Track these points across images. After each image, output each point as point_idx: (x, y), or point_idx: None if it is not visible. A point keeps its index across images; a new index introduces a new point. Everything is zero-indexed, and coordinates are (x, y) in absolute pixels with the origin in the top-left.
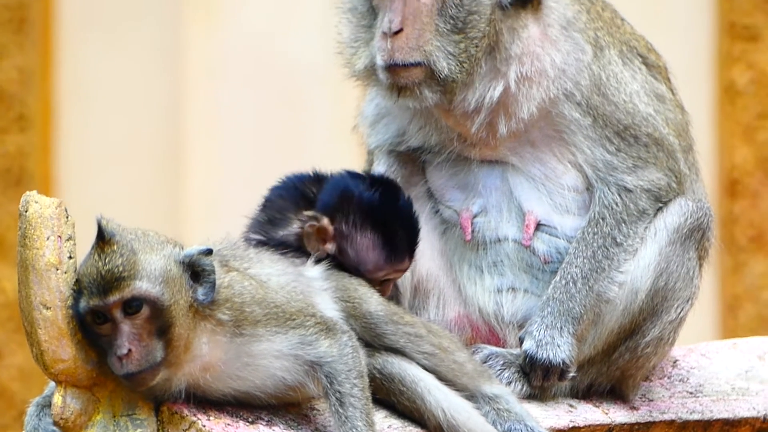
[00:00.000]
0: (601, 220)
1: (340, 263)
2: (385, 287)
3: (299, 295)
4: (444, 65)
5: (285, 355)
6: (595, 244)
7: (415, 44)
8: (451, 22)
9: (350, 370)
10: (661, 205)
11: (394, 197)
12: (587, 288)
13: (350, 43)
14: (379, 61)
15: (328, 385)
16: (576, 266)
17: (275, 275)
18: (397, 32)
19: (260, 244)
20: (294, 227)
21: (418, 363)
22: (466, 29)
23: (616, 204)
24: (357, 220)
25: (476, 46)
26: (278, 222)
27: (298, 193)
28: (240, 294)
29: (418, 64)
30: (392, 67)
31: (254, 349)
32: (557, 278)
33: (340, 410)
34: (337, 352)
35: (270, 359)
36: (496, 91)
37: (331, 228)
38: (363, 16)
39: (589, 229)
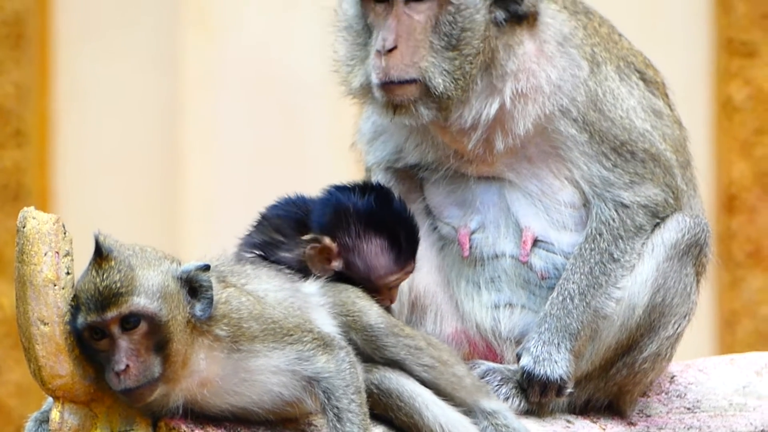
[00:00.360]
0: (598, 236)
1: (347, 278)
2: (393, 293)
3: (296, 311)
4: (439, 82)
5: (282, 370)
6: (592, 260)
7: (410, 61)
8: (446, 39)
9: (348, 385)
10: (658, 220)
11: (388, 200)
12: (584, 304)
13: (346, 62)
14: (375, 79)
15: (326, 401)
16: (573, 282)
17: (272, 291)
18: (391, 50)
19: (259, 258)
20: (295, 252)
21: (417, 376)
22: (461, 46)
23: (613, 220)
24: (359, 230)
25: (471, 63)
26: (278, 245)
27: (295, 217)
28: (237, 310)
29: (413, 81)
30: (387, 85)
31: (251, 364)
32: (554, 294)
33: (338, 426)
34: (334, 367)
35: (267, 375)
36: (492, 108)
37: (334, 245)
38: (358, 34)
39: (587, 245)
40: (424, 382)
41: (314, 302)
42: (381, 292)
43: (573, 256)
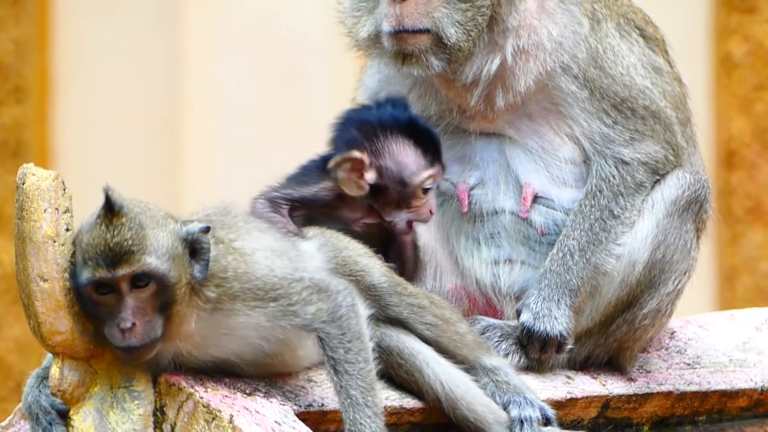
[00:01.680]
0: (598, 193)
1: (377, 197)
2: (431, 201)
3: (285, 262)
4: (452, 32)
5: (263, 326)
6: (592, 217)
7: (424, 10)
8: None
9: (344, 333)
10: (658, 177)
11: (405, 107)
12: (584, 260)
13: (352, 12)
14: (386, 27)
15: (322, 351)
16: (573, 239)
17: (260, 248)
18: None
19: (287, 201)
20: (326, 182)
21: (419, 334)
22: None
23: (613, 176)
24: (385, 134)
25: (482, 15)
26: (308, 181)
27: (315, 162)
28: (224, 270)
29: (426, 31)
30: (400, 33)
31: (232, 322)
32: (554, 251)
33: (335, 378)
34: (327, 315)
35: (247, 330)
36: (494, 64)
37: (364, 155)
38: None
39: (586, 202)
40: (426, 340)
41: (313, 260)
42: (417, 196)
43: (573, 213)
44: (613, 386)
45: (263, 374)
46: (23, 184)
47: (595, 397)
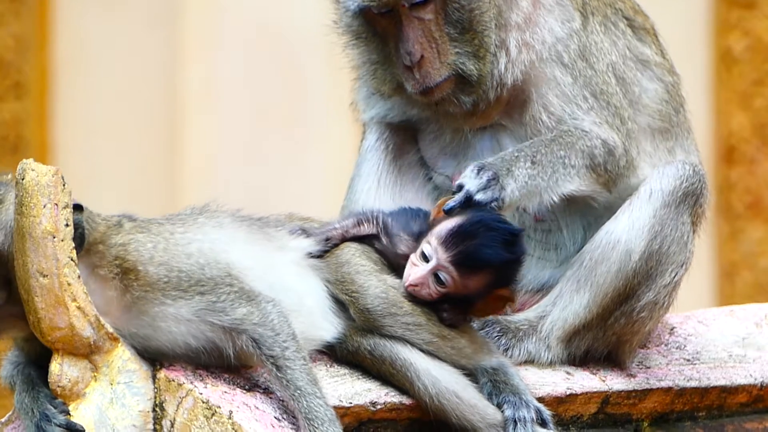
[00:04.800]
0: (556, 138)
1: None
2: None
3: (219, 264)
4: (471, 68)
5: (187, 320)
6: (545, 149)
7: (439, 63)
8: (459, 25)
9: (278, 334)
10: (607, 167)
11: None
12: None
13: (365, 66)
14: (411, 89)
15: (258, 351)
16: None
17: (200, 241)
18: (419, 61)
19: (376, 225)
20: (410, 243)
21: (417, 347)
22: (474, 24)
23: (569, 134)
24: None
25: (488, 36)
26: (398, 241)
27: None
28: (130, 252)
29: (448, 78)
30: (425, 91)
31: (150, 310)
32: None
33: (279, 374)
34: (258, 318)
35: (169, 323)
36: (501, 63)
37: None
38: (369, 40)
39: (542, 139)
40: (425, 352)
41: (304, 262)
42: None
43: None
44: (613, 382)
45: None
46: (23, 179)
47: (594, 393)
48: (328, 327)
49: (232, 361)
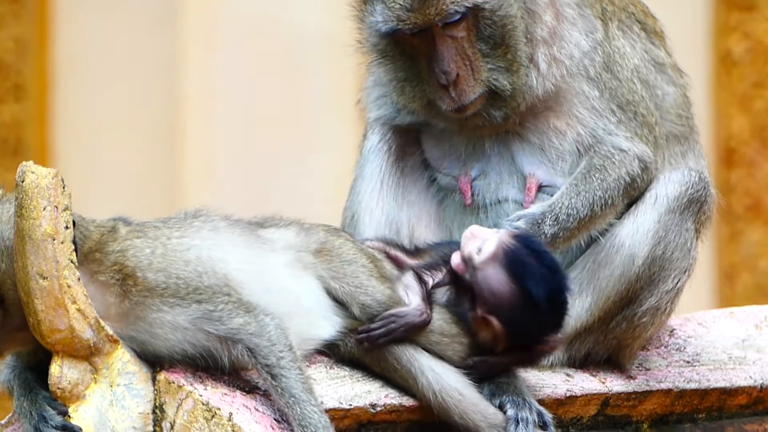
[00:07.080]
0: (591, 169)
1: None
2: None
3: (219, 274)
4: (504, 82)
5: (184, 327)
6: (582, 188)
7: (473, 81)
8: (491, 41)
9: (274, 344)
10: (644, 178)
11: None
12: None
13: (392, 83)
14: (446, 107)
15: (253, 360)
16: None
17: (200, 248)
18: (455, 80)
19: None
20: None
21: (422, 347)
22: (506, 39)
23: (608, 157)
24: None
25: (519, 50)
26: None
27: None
28: (128, 258)
29: (481, 94)
30: (460, 109)
31: (147, 316)
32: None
33: (274, 383)
34: (255, 328)
35: (166, 329)
36: (531, 77)
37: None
38: (395, 58)
39: (579, 176)
40: (428, 350)
41: (297, 263)
42: None
43: (564, 187)
44: (613, 384)
45: None
46: (22, 182)
47: (594, 395)
48: (326, 325)
49: (227, 370)
